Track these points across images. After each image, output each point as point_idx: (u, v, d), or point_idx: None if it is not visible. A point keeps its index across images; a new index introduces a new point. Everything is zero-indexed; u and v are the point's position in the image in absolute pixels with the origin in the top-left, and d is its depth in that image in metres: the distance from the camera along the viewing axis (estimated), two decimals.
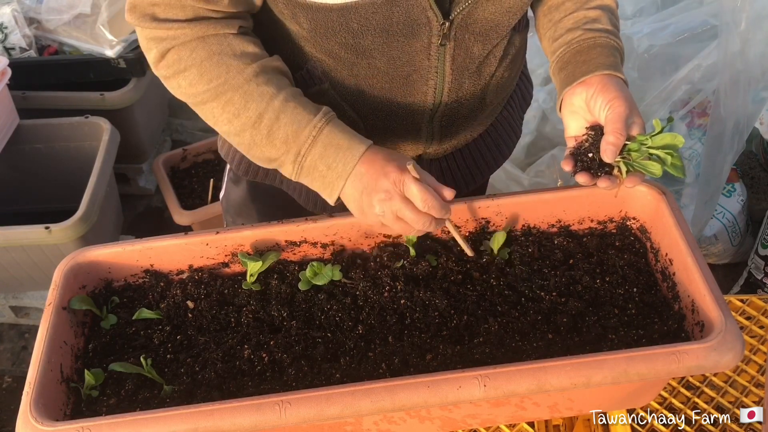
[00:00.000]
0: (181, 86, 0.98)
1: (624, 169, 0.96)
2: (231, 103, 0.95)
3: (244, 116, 0.95)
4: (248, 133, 0.96)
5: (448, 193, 0.94)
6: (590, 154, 0.98)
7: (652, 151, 0.94)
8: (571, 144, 1.02)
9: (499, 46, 1.07)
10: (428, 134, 1.12)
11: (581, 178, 0.98)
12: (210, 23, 0.94)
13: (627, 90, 0.98)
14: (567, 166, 0.99)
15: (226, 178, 1.34)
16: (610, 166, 0.97)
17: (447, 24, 0.96)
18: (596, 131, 0.98)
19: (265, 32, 1.02)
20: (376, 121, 1.08)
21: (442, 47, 0.99)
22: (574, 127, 1.02)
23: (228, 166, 1.31)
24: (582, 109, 1.00)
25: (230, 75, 0.94)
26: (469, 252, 1.03)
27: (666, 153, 0.94)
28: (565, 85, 1.02)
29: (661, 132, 0.95)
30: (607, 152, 0.94)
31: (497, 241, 1.03)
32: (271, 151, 0.96)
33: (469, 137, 1.18)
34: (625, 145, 0.94)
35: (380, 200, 0.92)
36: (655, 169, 0.94)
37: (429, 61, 1.00)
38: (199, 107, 0.99)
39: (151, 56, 0.97)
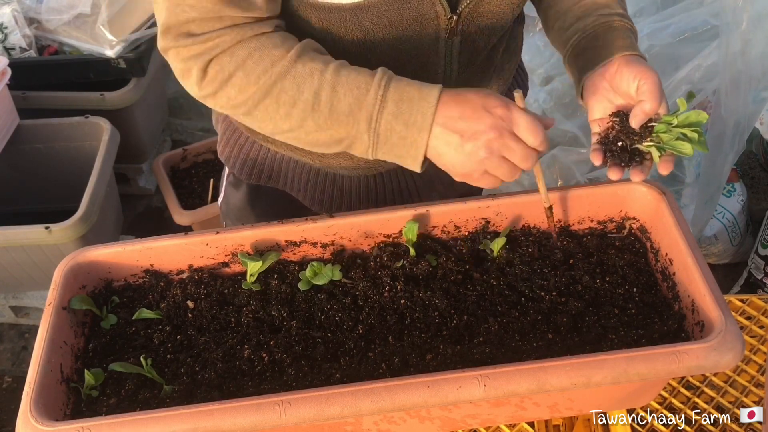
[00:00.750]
0: (230, 97, 0.92)
1: (657, 153, 0.95)
2: (284, 92, 0.89)
3: (301, 102, 0.89)
4: (310, 119, 0.90)
5: (550, 121, 0.89)
6: (619, 143, 0.97)
7: (680, 130, 0.93)
8: (595, 128, 1.01)
9: (502, 39, 1.08)
10: None
11: (613, 174, 0.97)
12: (247, 27, 0.91)
13: (657, 76, 0.97)
14: (597, 160, 0.98)
15: (224, 183, 1.32)
16: (641, 155, 0.96)
17: (454, 18, 0.96)
18: (621, 117, 0.97)
19: None
20: None
21: (450, 41, 1.00)
22: (599, 110, 1.00)
23: (226, 171, 1.30)
24: (606, 89, 0.99)
25: (275, 65, 0.89)
26: (546, 202, 1.00)
27: (693, 131, 0.92)
28: (586, 70, 1.02)
29: (685, 110, 0.94)
30: (637, 119, 0.93)
31: (498, 242, 1.03)
32: (338, 129, 0.89)
33: None
34: (652, 127, 0.94)
35: (488, 141, 0.85)
36: (686, 148, 0.93)
37: (437, 56, 1.01)
38: (254, 112, 0.92)
39: (192, 76, 0.92)
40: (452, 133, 0.86)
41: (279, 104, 0.90)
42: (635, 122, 0.95)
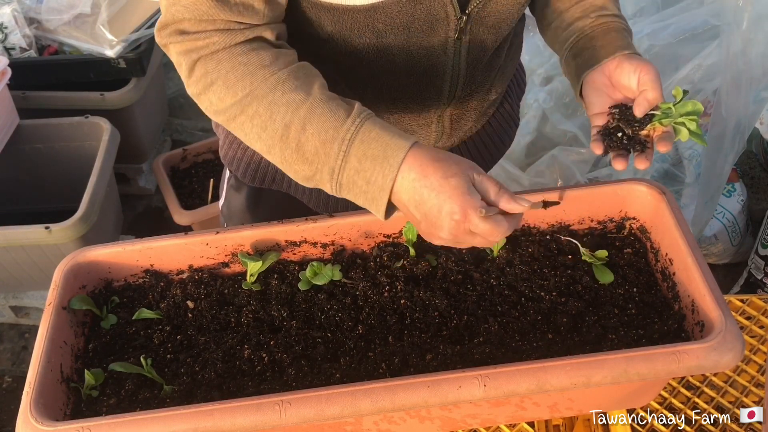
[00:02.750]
0: (212, 102, 0.91)
1: (659, 129, 0.97)
2: (257, 116, 0.88)
3: (271, 129, 0.88)
4: (278, 148, 0.88)
5: (523, 205, 0.84)
6: (619, 134, 0.98)
7: (678, 119, 0.95)
8: (596, 121, 1.01)
9: (507, 38, 1.09)
10: (438, 129, 1.13)
11: (619, 164, 0.97)
12: (238, 32, 0.90)
13: (657, 70, 0.99)
14: (598, 150, 0.99)
15: (225, 186, 1.32)
16: (642, 144, 0.97)
17: (464, 18, 0.97)
18: (621, 108, 0.99)
19: None
20: (389, 118, 1.08)
21: (458, 41, 1.00)
22: (598, 104, 1.02)
23: (227, 174, 1.30)
24: (606, 85, 1.01)
25: (255, 85, 0.88)
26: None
27: (690, 119, 0.95)
28: (585, 69, 1.03)
29: (682, 99, 0.96)
30: (642, 107, 0.94)
31: (498, 243, 1.03)
32: (303, 167, 0.88)
33: (473, 129, 1.19)
34: (653, 115, 0.96)
35: (445, 240, 0.85)
36: (683, 134, 0.95)
37: (445, 56, 1.01)
38: (231, 124, 0.92)
39: (182, 72, 0.92)
40: (416, 214, 0.85)
41: (252, 124, 0.89)
42: (639, 111, 0.96)
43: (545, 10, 1.13)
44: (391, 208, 0.87)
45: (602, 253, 1.02)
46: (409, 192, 0.84)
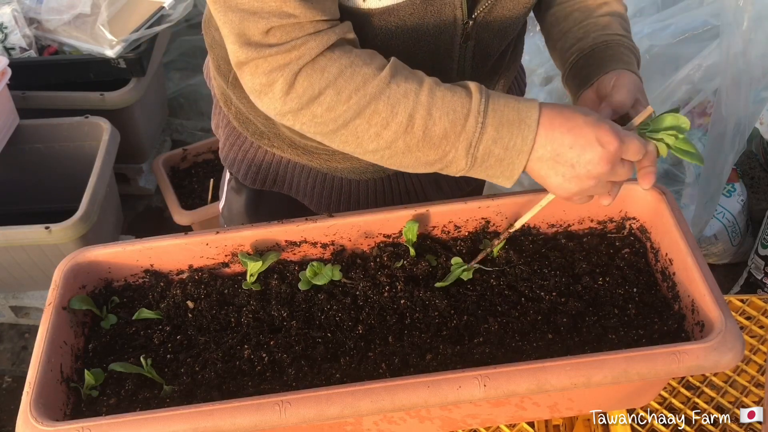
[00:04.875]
0: (316, 115, 0.86)
1: (663, 147, 0.93)
2: (377, 114, 0.85)
3: (394, 123, 0.85)
4: (401, 140, 0.86)
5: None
6: None
7: (655, 136, 0.92)
8: None
9: (511, 41, 1.09)
10: None
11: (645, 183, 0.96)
12: (330, 32, 0.86)
13: (637, 81, 0.99)
14: None
15: (226, 188, 1.31)
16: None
17: (470, 22, 0.97)
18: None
19: None
20: None
21: (464, 45, 1.00)
22: None
23: (227, 176, 1.29)
24: (593, 100, 1.01)
25: (368, 84, 0.85)
26: (517, 226, 1.02)
27: (670, 135, 0.91)
28: (580, 87, 1.03)
29: (661, 114, 0.92)
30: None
31: (498, 244, 1.03)
32: (430, 152, 0.87)
33: None
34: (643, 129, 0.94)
35: (600, 174, 0.86)
36: (662, 149, 0.92)
37: (451, 60, 1.01)
38: (340, 132, 0.88)
39: (276, 90, 0.85)
40: (561, 165, 0.86)
41: (370, 125, 0.86)
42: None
43: (552, 30, 1.12)
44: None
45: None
46: (557, 141, 0.85)
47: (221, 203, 1.35)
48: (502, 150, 0.86)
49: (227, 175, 1.29)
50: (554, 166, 0.87)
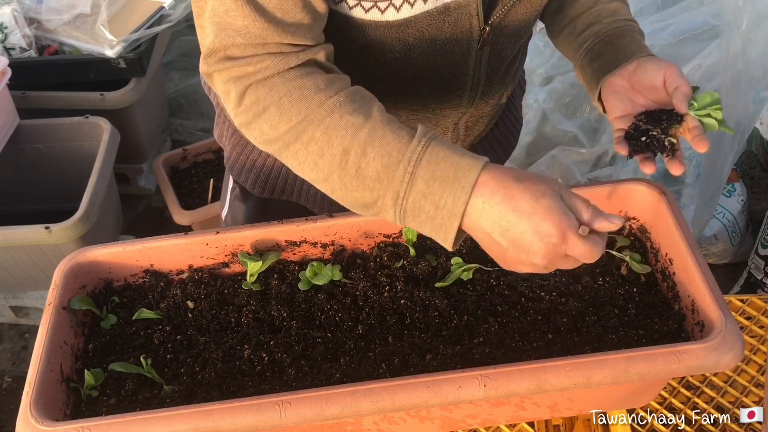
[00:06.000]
0: (263, 131, 0.85)
1: (711, 121, 0.94)
2: (313, 141, 0.82)
3: (329, 154, 0.82)
4: (335, 174, 0.82)
5: (617, 224, 0.77)
6: (643, 137, 0.96)
7: (701, 113, 0.93)
8: (618, 124, 1.00)
9: (521, 45, 1.09)
10: (454, 136, 1.14)
11: (647, 168, 0.95)
12: (292, 56, 0.85)
13: (678, 67, 0.98)
14: (622, 151, 0.96)
15: (229, 197, 1.29)
16: (672, 147, 0.95)
17: (487, 29, 0.97)
18: (647, 113, 0.98)
19: None
20: None
21: (480, 52, 1.00)
22: (620, 107, 1.00)
23: (230, 184, 1.28)
24: (627, 88, 1.00)
25: (311, 110, 0.82)
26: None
27: (715, 109, 0.93)
28: (603, 73, 1.02)
29: (696, 92, 0.95)
30: (683, 102, 0.92)
31: None
32: (365, 193, 0.81)
33: (483, 133, 1.20)
34: (679, 118, 0.95)
35: (535, 266, 0.78)
36: (712, 125, 0.93)
37: (467, 66, 1.02)
38: (284, 153, 0.86)
39: (230, 101, 0.86)
40: (495, 243, 0.78)
41: (308, 152, 0.83)
42: (682, 105, 0.92)
43: (556, 16, 1.13)
44: (459, 236, 0.79)
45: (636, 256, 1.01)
46: (494, 217, 0.76)
47: (224, 212, 1.33)
48: (432, 208, 0.77)
49: (230, 183, 1.28)
50: (488, 242, 0.79)
